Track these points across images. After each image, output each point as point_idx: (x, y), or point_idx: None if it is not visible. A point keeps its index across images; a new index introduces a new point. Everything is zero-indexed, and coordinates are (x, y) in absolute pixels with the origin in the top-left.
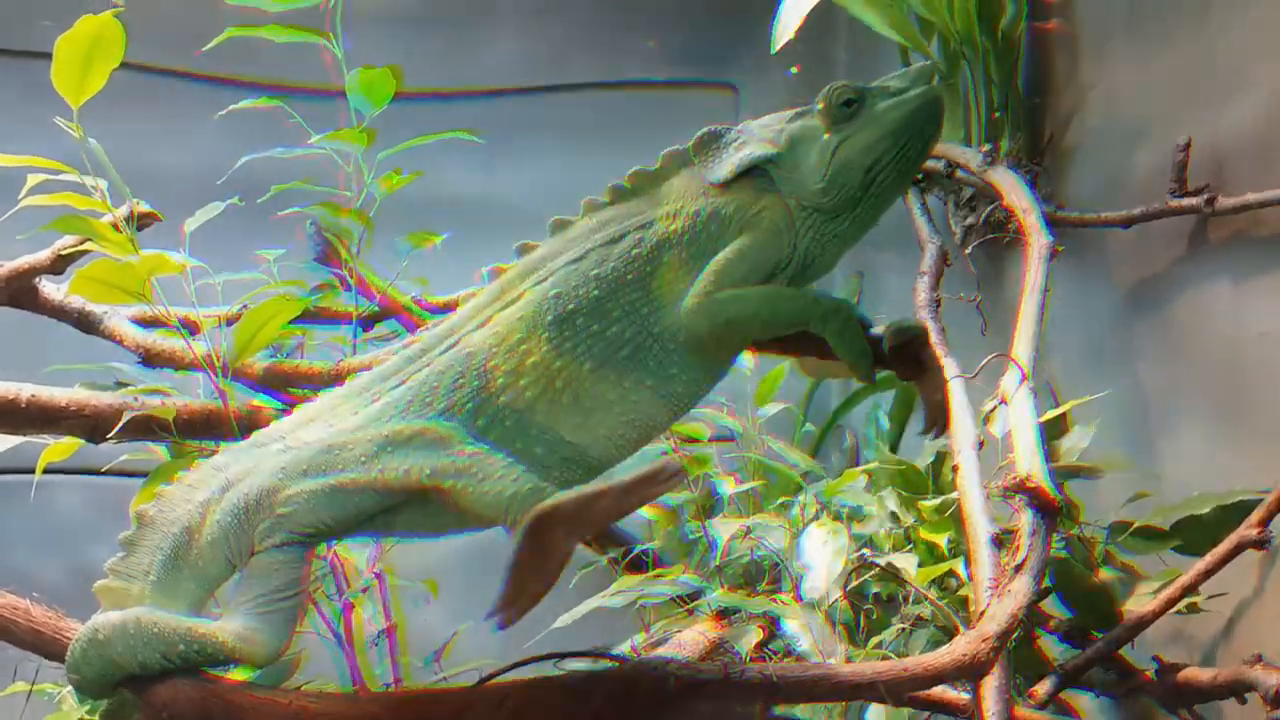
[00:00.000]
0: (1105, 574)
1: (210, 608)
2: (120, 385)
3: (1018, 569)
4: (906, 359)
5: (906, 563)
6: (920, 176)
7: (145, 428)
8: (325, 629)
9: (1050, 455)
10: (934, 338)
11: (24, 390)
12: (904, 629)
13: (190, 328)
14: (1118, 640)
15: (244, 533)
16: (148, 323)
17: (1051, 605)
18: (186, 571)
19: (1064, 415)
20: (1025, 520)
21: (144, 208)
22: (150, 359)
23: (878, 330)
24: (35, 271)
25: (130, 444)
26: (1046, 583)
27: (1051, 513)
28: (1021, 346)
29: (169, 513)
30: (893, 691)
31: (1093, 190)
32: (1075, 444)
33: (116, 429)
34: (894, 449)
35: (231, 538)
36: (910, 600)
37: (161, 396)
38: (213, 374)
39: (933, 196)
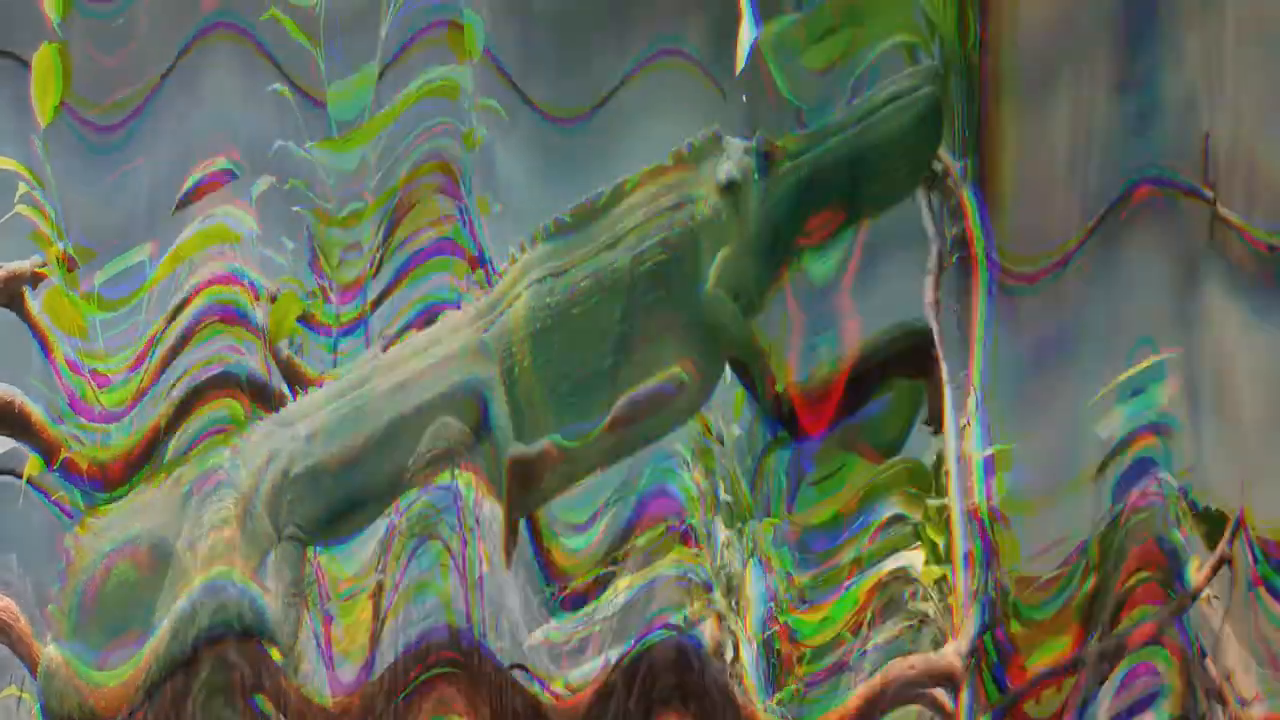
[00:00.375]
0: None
1: None
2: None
3: (973, 595)
4: (918, 356)
5: (913, 560)
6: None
7: (68, 469)
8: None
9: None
10: (935, 338)
11: (18, 396)
12: (912, 625)
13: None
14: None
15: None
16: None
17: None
18: (91, 615)
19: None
20: (976, 549)
21: (67, 252)
22: (73, 402)
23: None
24: (23, 279)
25: None
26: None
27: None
28: (974, 375)
29: (79, 560)
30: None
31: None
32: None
33: (56, 464)
34: (895, 452)
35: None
36: (918, 597)
37: (77, 444)
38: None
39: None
